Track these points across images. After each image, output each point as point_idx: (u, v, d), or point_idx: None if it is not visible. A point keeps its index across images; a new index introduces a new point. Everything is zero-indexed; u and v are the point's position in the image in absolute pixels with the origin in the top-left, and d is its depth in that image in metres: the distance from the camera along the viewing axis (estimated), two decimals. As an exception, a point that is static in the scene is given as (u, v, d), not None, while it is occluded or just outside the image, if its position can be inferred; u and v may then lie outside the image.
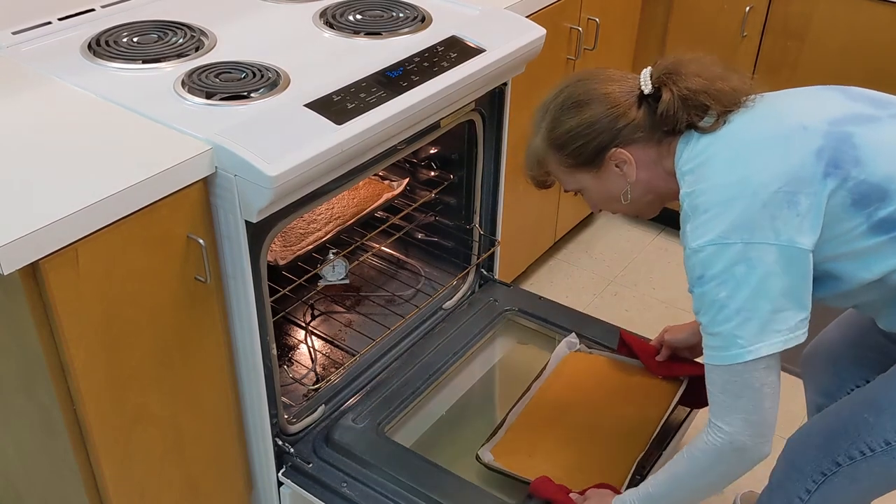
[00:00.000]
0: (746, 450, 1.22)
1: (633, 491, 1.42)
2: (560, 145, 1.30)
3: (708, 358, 1.21)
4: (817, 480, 1.34)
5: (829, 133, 1.17)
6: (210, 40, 1.70)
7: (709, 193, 1.17)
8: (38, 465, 1.53)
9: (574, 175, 1.33)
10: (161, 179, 1.29)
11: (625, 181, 1.30)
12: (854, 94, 1.26)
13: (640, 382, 1.87)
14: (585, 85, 1.28)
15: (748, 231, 1.13)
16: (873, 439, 1.28)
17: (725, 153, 1.19)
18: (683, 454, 1.31)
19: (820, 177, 1.15)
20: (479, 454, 1.69)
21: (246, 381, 1.61)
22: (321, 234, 1.93)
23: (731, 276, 1.14)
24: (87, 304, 1.27)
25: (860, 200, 1.15)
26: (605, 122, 1.26)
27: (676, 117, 1.22)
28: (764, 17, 2.55)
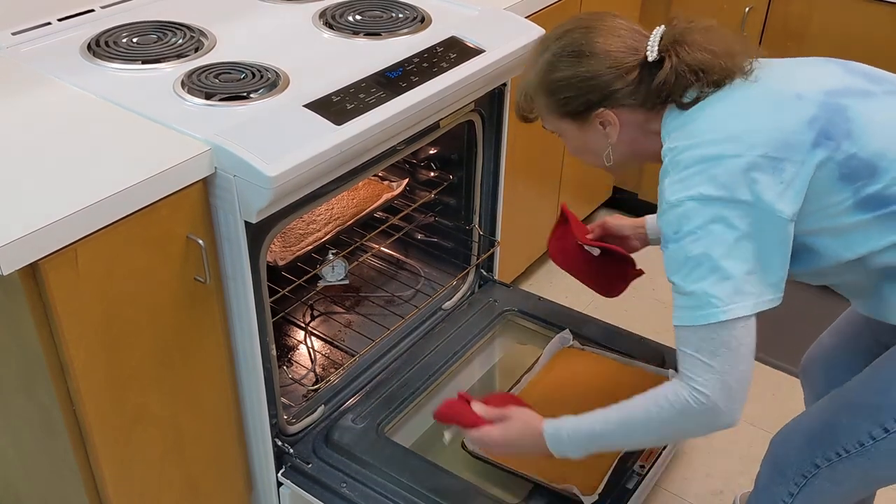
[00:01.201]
0: (719, 414, 1.17)
1: (571, 423, 1.32)
2: (551, 90, 1.27)
3: (679, 319, 1.16)
4: (799, 483, 1.34)
5: (824, 104, 1.15)
6: (209, 41, 1.70)
7: (693, 150, 1.15)
8: (37, 465, 1.53)
9: (557, 121, 1.31)
10: (160, 180, 1.29)
11: (606, 141, 1.29)
12: (852, 68, 1.25)
13: (630, 380, 1.88)
14: (590, 35, 1.24)
15: (729, 191, 1.11)
16: (848, 441, 1.27)
17: (715, 113, 1.18)
18: (646, 400, 1.24)
19: (809, 146, 1.13)
20: (464, 442, 1.70)
21: (245, 381, 1.61)
22: (321, 235, 1.93)
23: (708, 234, 1.11)
24: (87, 304, 1.27)
25: (849, 175, 1.13)
26: (600, 80, 1.23)
27: (671, 90, 1.21)
28: (763, 17, 2.55)
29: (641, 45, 1.23)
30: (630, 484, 1.67)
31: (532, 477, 1.65)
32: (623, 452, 1.69)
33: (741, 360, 1.14)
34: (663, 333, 2.42)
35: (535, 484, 1.65)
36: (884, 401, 1.25)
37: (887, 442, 1.24)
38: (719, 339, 1.13)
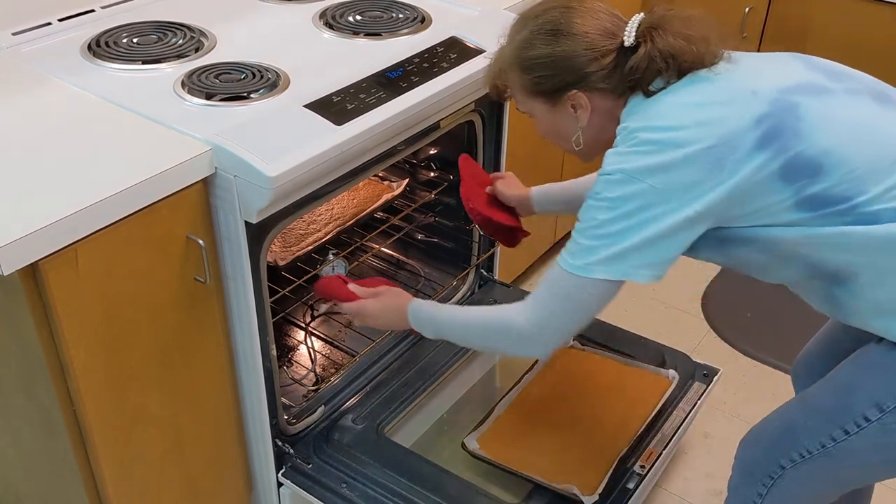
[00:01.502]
0: (530, 341, 1.27)
1: (430, 307, 1.44)
2: (525, 67, 1.27)
3: (560, 257, 1.23)
4: (767, 483, 1.35)
5: (776, 100, 1.15)
6: (210, 41, 1.70)
7: (641, 132, 1.16)
8: (37, 465, 1.53)
9: (529, 100, 1.32)
10: (161, 180, 1.29)
11: (576, 125, 1.29)
12: (815, 65, 1.24)
13: (630, 380, 1.89)
14: (568, 14, 1.24)
15: (659, 177, 1.13)
16: (810, 442, 1.28)
17: (671, 100, 1.18)
18: (491, 311, 1.34)
19: (751, 146, 1.13)
20: (464, 442, 1.70)
21: (246, 381, 1.61)
22: (321, 235, 1.93)
23: (618, 207, 1.15)
24: (87, 304, 1.27)
25: (791, 174, 1.13)
26: (575, 62, 1.23)
27: (641, 75, 1.21)
28: (763, 18, 2.55)
29: (619, 30, 1.24)
30: (630, 484, 1.67)
31: (532, 477, 1.65)
32: (623, 452, 1.69)
33: (571, 316, 1.24)
34: (663, 334, 2.42)
35: (535, 484, 1.65)
36: (843, 402, 1.25)
37: (847, 443, 1.24)
38: (569, 288, 1.21)
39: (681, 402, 1.86)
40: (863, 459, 1.24)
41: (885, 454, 1.23)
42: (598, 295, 1.21)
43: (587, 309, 1.23)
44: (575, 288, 1.21)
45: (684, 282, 1.34)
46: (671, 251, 1.18)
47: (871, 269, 1.16)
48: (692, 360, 1.97)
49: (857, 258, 1.16)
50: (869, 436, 1.21)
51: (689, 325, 2.52)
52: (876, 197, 1.13)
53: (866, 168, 1.13)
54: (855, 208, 1.13)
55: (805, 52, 1.28)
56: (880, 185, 1.13)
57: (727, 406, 2.24)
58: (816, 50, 2.57)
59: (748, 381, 2.32)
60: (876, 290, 1.18)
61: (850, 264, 1.17)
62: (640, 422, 1.77)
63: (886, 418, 1.19)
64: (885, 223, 1.13)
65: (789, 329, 1.55)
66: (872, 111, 1.18)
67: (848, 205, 1.13)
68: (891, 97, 1.22)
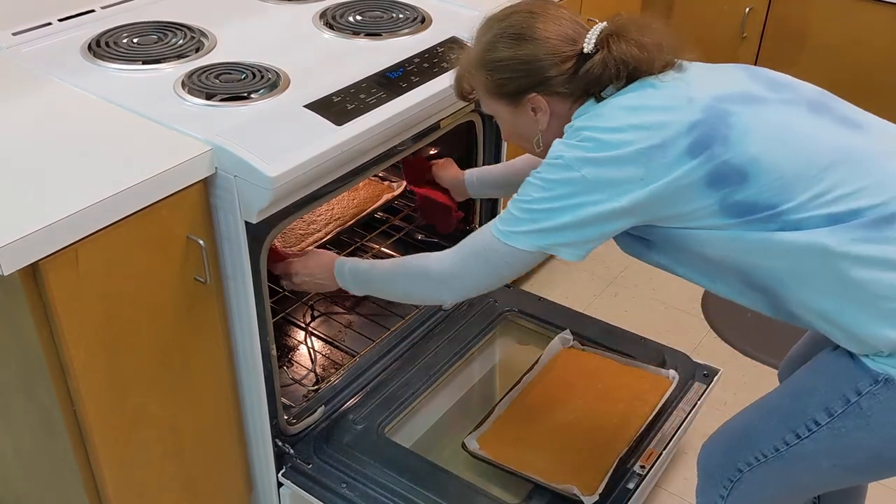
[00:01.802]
0: (442, 286, 1.36)
1: (354, 261, 1.51)
2: (489, 69, 1.32)
3: (494, 220, 1.30)
4: (727, 486, 1.36)
5: (709, 108, 1.19)
6: (210, 41, 1.70)
7: (585, 130, 1.21)
8: (37, 465, 1.53)
9: (493, 101, 1.36)
10: (161, 180, 1.29)
11: (536, 127, 1.33)
12: (757, 75, 1.28)
13: (630, 380, 1.89)
14: (531, 19, 1.28)
15: (592, 170, 1.19)
16: (765, 445, 1.29)
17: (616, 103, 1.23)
18: (412, 258, 1.41)
19: (681, 152, 1.16)
20: (464, 442, 1.71)
21: (246, 381, 1.61)
22: (321, 235, 1.93)
23: (551, 190, 1.22)
24: (87, 304, 1.27)
25: (718, 180, 1.16)
26: (536, 65, 1.27)
27: (596, 81, 1.25)
28: (763, 18, 2.56)
29: (581, 36, 1.28)
30: (631, 484, 1.67)
31: (532, 477, 1.65)
32: (624, 453, 1.69)
33: (483, 276, 1.32)
34: (664, 334, 2.43)
35: (535, 484, 1.65)
36: (795, 406, 1.26)
37: (800, 447, 1.25)
38: (490, 250, 1.29)
39: (681, 402, 1.86)
40: (814, 464, 1.25)
41: (834, 459, 1.23)
42: (514, 262, 1.28)
43: (501, 272, 1.31)
44: (495, 251, 1.28)
45: (684, 282, 1.35)
46: (595, 237, 1.24)
47: (796, 275, 1.18)
48: (692, 360, 1.97)
49: (781, 264, 1.18)
50: (819, 440, 1.22)
51: (689, 325, 2.52)
52: (801, 205, 1.15)
53: (793, 176, 1.15)
54: (780, 215, 1.15)
55: (804, 52, 1.29)
56: (806, 192, 1.15)
57: (727, 406, 2.24)
58: (816, 50, 2.57)
59: (748, 382, 2.32)
60: (808, 296, 1.19)
61: (777, 270, 1.19)
62: (641, 422, 1.77)
63: (836, 423, 1.20)
64: (809, 230, 1.14)
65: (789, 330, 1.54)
66: (804, 121, 1.21)
67: (773, 212, 1.16)
68: (827, 106, 1.24)
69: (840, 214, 1.14)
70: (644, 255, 1.33)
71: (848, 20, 2.42)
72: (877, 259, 1.13)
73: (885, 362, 1.16)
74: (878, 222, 1.13)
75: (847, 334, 1.18)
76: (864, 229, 1.13)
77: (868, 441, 1.19)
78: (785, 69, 1.34)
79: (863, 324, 1.15)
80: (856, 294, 1.15)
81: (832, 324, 1.19)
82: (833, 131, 1.20)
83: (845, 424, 1.20)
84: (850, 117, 1.23)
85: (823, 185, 1.15)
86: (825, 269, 1.15)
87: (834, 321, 1.18)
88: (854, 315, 1.16)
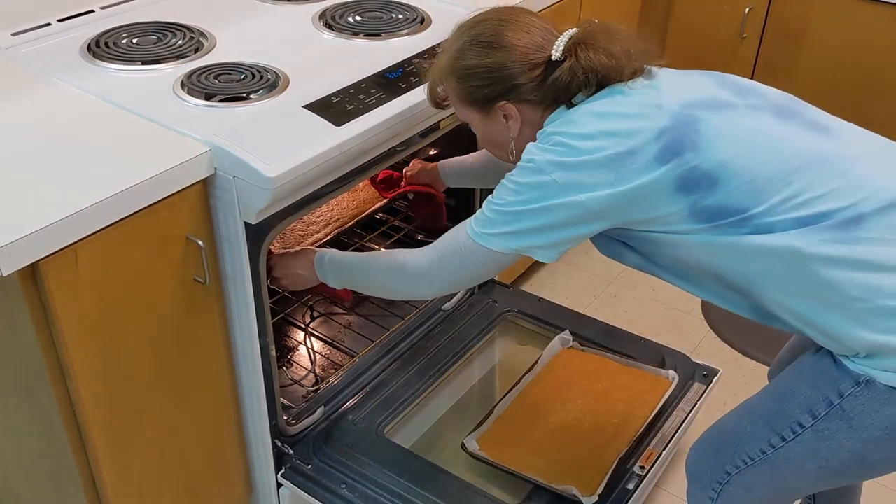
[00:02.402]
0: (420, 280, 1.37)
1: (335, 252, 1.54)
2: (459, 77, 1.33)
3: (469, 219, 1.32)
4: (716, 489, 1.36)
5: (677, 114, 1.20)
6: (209, 42, 1.70)
7: (556, 135, 1.23)
8: (37, 467, 1.52)
9: (465, 108, 1.37)
10: (160, 181, 1.29)
11: (508, 134, 1.34)
12: (724, 81, 1.29)
13: (630, 381, 1.89)
14: (501, 27, 1.29)
15: (562, 174, 1.20)
16: (751, 448, 1.29)
17: (587, 109, 1.24)
18: (393, 252, 1.44)
19: (650, 158, 1.17)
20: (464, 443, 1.71)
21: (245, 382, 1.61)
22: (321, 236, 1.93)
23: (523, 193, 1.24)
24: (87, 305, 1.27)
25: (688, 186, 1.17)
26: (505, 73, 1.28)
27: (565, 89, 1.26)
28: (763, 18, 2.56)
29: (550, 44, 1.28)
30: (630, 485, 1.67)
31: (532, 478, 1.65)
32: (623, 453, 1.69)
33: (459, 274, 1.34)
34: (663, 334, 2.43)
35: (535, 485, 1.65)
36: (780, 409, 1.26)
37: (785, 450, 1.25)
38: (465, 250, 1.30)
39: (681, 402, 1.86)
40: (800, 466, 1.25)
41: (819, 461, 1.23)
42: (488, 262, 1.30)
43: (475, 271, 1.33)
44: (470, 251, 1.30)
45: (685, 284, 1.37)
46: (567, 239, 1.25)
47: (769, 277, 1.19)
48: (692, 360, 1.97)
49: (753, 267, 1.19)
50: (804, 443, 1.23)
51: (689, 326, 2.52)
52: (771, 208, 1.16)
53: (762, 180, 1.16)
54: (751, 219, 1.16)
55: (804, 52, 1.30)
56: (776, 196, 1.16)
57: (727, 407, 2.22)
58: (816, 50, 2.57)
59: (748, 382, 2.31)
60: (783, 298, 1.20)
61: (750, 273, 1.20)
62: (640, 422, 1.77)
63: (819, 425, 1.21)
64: (779, 233, 1.15)
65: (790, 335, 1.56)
66: (771, 125, 1.22)
67: (743, 216, 1.17)
68: (793, 111, 1.25)
69: (809, 217, 1.15)
70: (622, 257, 1.35)
71: (848, 20, 2.42)
72: (846, 259, 1.13)
73: (864, 363, 1.17)
74: (846, 223, 1.14)
75: (825, 336, 1.19)
76: (833, 230, 1.14)
77: (851, 443, 1.20)
78: (784, 70, 1.34)
79: (837, 325, 1.16)
80: (828, 295, 1.15)
81: (809, 325, 1.20)
82: (801, 136, 1.21)
83: (828, 427, 1.20)
84: (818, 122, 1.24)
85: (792, 189, 1.16)
86: (797, 270, 1.16)
87: (811, 323, 1.19)
88: (828, 316, 1.16)
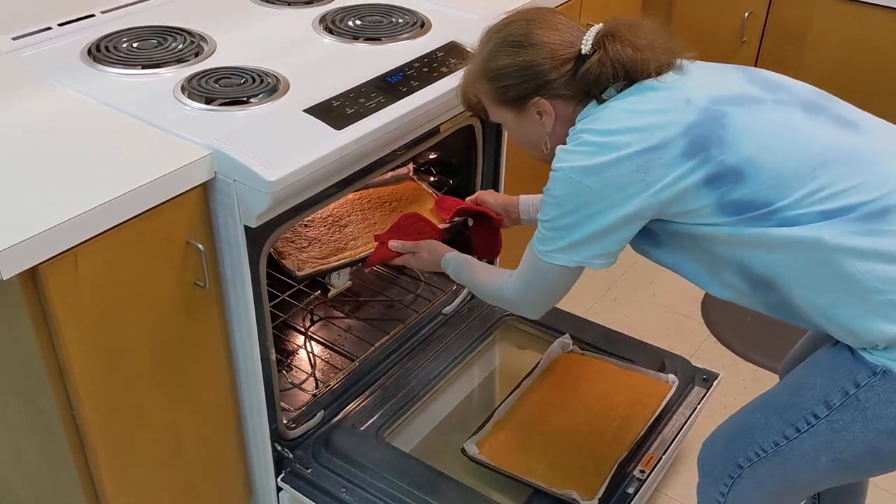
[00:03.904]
0: (519, 306, 1.46)
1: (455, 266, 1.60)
2: (491, 77, 1.35)
3: (534, 237, 1.35)
4: (727, 483, 1.37)
5: (705, 110, 1.21)
6: (210, 46, 1.70)
7: (586, 133, 1.24)
8: (36, 469, 1.52)
9: (498, 109, 1.38)
10: (160, 184, 1.29)
11: (542, 130, 1.36)
12: (753, 76, 1.31)
13: (630, 385, 1.89)
14: (529, 27, 1.31)
15: (595, 178, 1.22)
16: (764, 440, 1.30)
17: (616, 106, 1.26)
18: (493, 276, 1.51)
19: (678, 153, 1.19)
20: (464, 447, 1.70)
21: (245, 386, 1.61)
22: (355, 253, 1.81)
23: (564, 204, 1.26)
24: (86, 308, 1.27)
25: (715, 180, 1.19)
26: (537, 70, 1.30)
27: (595, 82, 1.28)
28: (763, 21, 2.56)
29: (578, 39, 1.30)
30: (630, 489, 1.67)
31: (532, 482, 1.65)
32: (623, 457, 1.69)
33: (545, 292, 1.39)
34: (664, 338, 2.43)
35: (535, 489, 1.65)
36: (795, 400, 1.27)
37: (798, 442, 1.26)
38: (539, 269, 1.35)
39: (681, 406, 1.86)
40: (813, 459, 1.26)
41: (832, 454, 1.24)
42: (563, 277, 1.34)
43: (556, 287, 1.37)
44: (543, 269, 1.34)
45: (684, 286, 1.36)
46: (617, 244, 1.28)
47: (793, 269, 1.20)
48: (692, 364, 1.97)
49: (778, 258, 1.20)
50: (818, 434, 1.24)
51: (689, 330, 2.52)
52: (796, 202, 1.18)
53: (787, 175, 1.18)
54: (776, 212, 1.18)
55: (804, 56, 1.30)
56: (801, 190, 1.18)
57: (727, 410, 2.22)
58: (815, 54, 2.57)
59: (748, 386, 2.31)
60: (805, 290, 1.21)
61: (774, 264, 1.21)
62: (640, 426, 1.77)
63: (834, 416, 1.22)
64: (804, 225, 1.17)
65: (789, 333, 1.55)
66: (799, 120, 1.23)
67: (769, 209, 1.18)
68: (821, 106, 1.26)
69: (833, 210, 1.17)
70: (650, 254, 1.36)
71: (847, 24, 2.43)
72: (869, 251, 1.15)
73: (882, 355, 1.18)
74: (870, 216, 1.16)
75: (844, 328, 1.20)
76: (857, 223, 1.16)
77: (865, 435, 1.20)
78: (784, 73, 1.34)
79: (857, 317, 1.18)
80: (850, 287, 1.17)
81: (829, 318, 1.21)
82: (829, 131, 1.22)
83: (843, 417, 1.21)
84: (846, 117, 1.26)
85: (817, 183, 1.17)
86: (820, 262, 1.17)
87: (831, 316, 1.20)
88: (849, 308, 1.18)
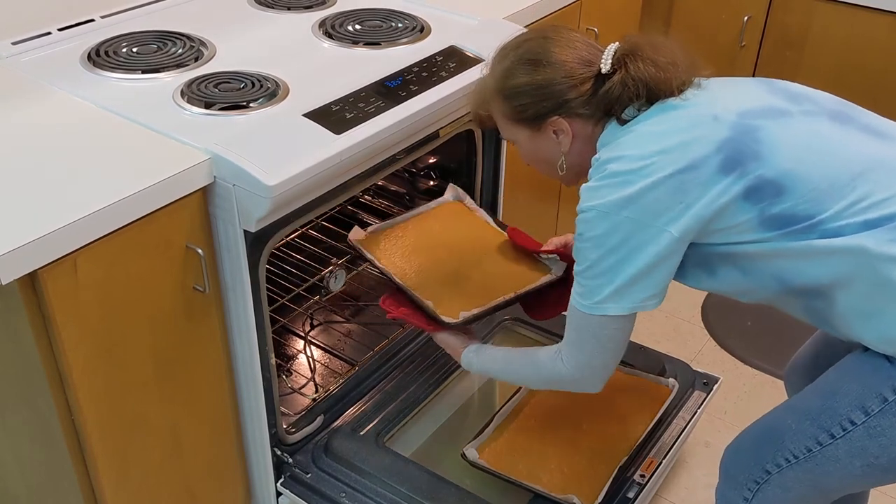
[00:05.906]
0: (578, 384, 1.36)
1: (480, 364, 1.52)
2: (507, 96, 1.32)
3: (572, 298, 1.29)
4: (752, 489, 1.35)
5: (736, 125, 1.20)
6: (209, 50, 1.71)
7: (611, 163, 1.21)
8: (36, 473, 1.52)
9: (513, 127, 1.36)
10: (160, 189, 1.30)
11: (559, 150, 1.34)
12: (776, 88, 1.29)
13: (630, 389, 1.88)
14: (547, 45, 1.29)
15: (631, 208, 1.18)
16: (795, 446, 1.29)
17: (640, 129, 1.23)
18: (530, 360, 1.42)
19: (714, 171, 1.17)
20: (464, 452, 1.70)
21: (245, 390, 1.60)
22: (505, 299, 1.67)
23: (604, 243, 1.21)
24: (86, 313, 1.27)
25: (755, 195, 1.17)
26: (554, 89, 1.28)
27: (616, 101, 1.26)
28: (762, 26, 2.56)
29: (596, 58, 1.29)
30: (631, 493, 1.66)
31: (532, 487, 1.64)
32: (623, 461, 1.68)
33: (605, 352, 1.30)
34: (663, 342, 2.42)
35: (535, 493, 1.64)
36: (829, 406, 1.26)
37: (833, 448, 1.25)
38: (592, 327, 1.28)
39: (681, 410, 1.86)
40: (847, 464, 1.25)
41: (868, 458, 1.23)
42: (619, 328, 1.27)
43: (616, 341, 1.29)
44: (597, 326, 1.27)
45: (685, 290, 1.36)
46: (665, 278, 1.23)
47: (837, 278, 1.18)
48: (692, 368, 1.97)
49: (822, 269, 1.19)
50: (854, 439, 1.23)
51: (689, 334, 2.52)
52: (837, 213, 1.17)
53: (826, 186, 1.17)
54: (819, 225, 1.17)
55: (803, 60, 1.30)
56: (841, 201, 1.17)
57: (728, 415, 2.23)
58: (815, 59, 2.58)
59: (748, 390, 2.31)
60: (848, 299, 1.20)
61: (818, 276, 1.20)
62: (640, 431, 1.77)
63: (872, 421, 1.21)
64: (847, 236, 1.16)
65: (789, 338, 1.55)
66: (829, 131, 1.22)
67: (811, 222, 1.17)
68: (849, 116, 1.25)
69: (876, 220, 1.15)
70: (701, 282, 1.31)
71: (847, 29, 2.43)
72: None
73: None
74: None
75: (882, 337, 1.19)
76: None
77: None
78: (783, 78, 1.34)
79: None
80: (893, 294, 1.16)
81: (868, 327, 1.20)
82: (860, 140, 1.22)
83: (881, 423, 1.20)
84: (874, 126, 1.25)
85: (857, 194, 1.16)
86: (864, 271, 1.16)
87: (874, 327, 1.19)
88: (889, 316, 1.17)
